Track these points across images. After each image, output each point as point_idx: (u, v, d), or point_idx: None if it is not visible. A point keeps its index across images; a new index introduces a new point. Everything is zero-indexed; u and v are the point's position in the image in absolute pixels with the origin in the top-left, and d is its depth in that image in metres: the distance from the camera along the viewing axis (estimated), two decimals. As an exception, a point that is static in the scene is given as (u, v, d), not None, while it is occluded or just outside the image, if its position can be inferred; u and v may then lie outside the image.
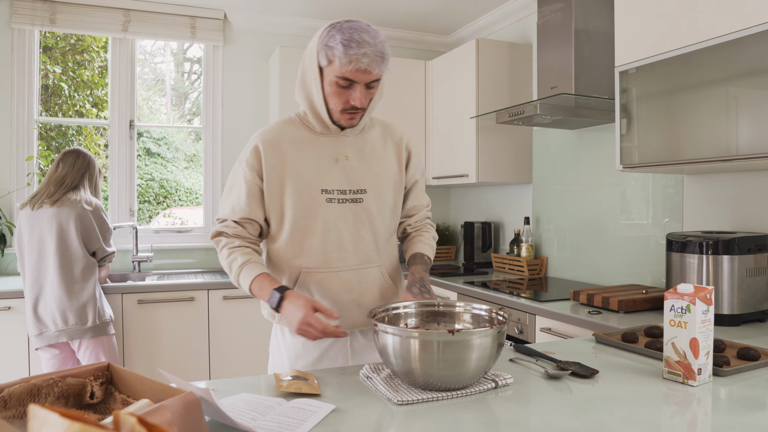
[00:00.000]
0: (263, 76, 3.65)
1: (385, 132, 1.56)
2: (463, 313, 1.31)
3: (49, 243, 2.44)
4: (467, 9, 3.46)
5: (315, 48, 1.37)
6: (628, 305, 2.05)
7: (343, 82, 1.35)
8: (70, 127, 3.66)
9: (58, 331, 2.42)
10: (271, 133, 1.47)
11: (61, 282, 2.43)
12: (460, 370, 1.06)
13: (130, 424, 0.53)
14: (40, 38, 3.33)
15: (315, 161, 1.44)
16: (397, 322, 1.29)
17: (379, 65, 1.34)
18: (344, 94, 1.37)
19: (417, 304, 1.32)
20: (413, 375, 1.06)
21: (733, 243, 1.81)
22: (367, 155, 1.49)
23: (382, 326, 1.09)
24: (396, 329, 1.06)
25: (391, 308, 1.29)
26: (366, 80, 1.36)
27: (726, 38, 1.71)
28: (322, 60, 1.36)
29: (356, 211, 1.46)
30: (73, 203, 2.48)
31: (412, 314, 1.31)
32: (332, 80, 1.35)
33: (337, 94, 1.38)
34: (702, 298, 1.14)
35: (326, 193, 1.44)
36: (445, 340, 1.03)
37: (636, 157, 2.07)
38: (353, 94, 1.37)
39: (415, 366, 1.05)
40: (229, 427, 0.92)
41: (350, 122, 1.43)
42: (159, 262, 3.45)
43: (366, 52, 1.31)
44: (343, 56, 1.31)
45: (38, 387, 0.86)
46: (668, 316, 1.18)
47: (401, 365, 1.07)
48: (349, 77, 1.34)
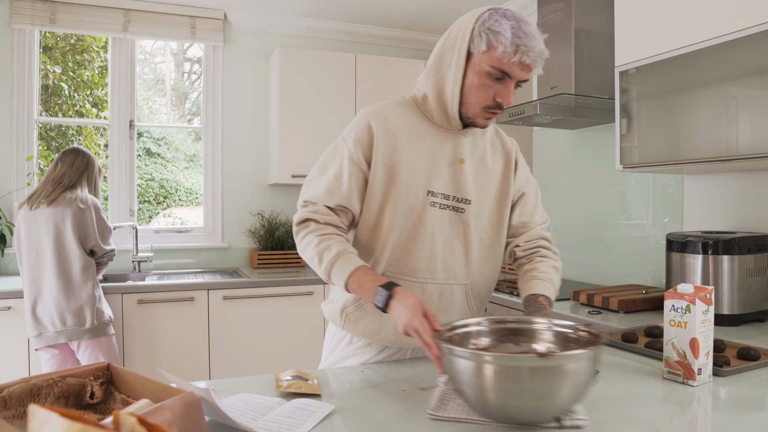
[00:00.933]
0: (263, 76, 3.65)
1: (495, 138, 1.39)
2: (544, 331, 1.10)
3: (46, 244, 2.44)
4: (467, 9, 3.46)
5: (468, 30, 1.19)
6: (628, 305, 2.05)
7: (498, 74, 1.18)
8: (70, 127, 3.66)
9: (57, 332, 2.42)
10: (386, 113, 1.28)
11: (58, 283, 2.43)
12: (549, 402, 0.86)
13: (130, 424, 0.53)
14: (40, 38, 3.33)
15: (429, 158, 1.27)
16: (467, 341, 1.10)
17: (540, 65, 1.19)
18: (492, 89, 1.20)
19: (489, 320, 1.12)
20: (489, 407, 0.88)
21: (733, 243, 1.80)
22: (477, 162, 1.32)
23: (450, 348, 0.91)
24: (467, 352, 0.88)
25: (459, 326, 1.10)
26: (521, 77, 1.20)
27: (726, 38, 1.71)
28: (479, 44, 1.18)
29: (454, 221, 1.30)
30: (68, 202, 2.47)
31: (484, 332, 1.11)
32: (484, 70, 1.19)
33: (483, 87, 1.20)
34: (702, 298, 1.14)
35: (431, 196, 1.27)
36: (533, 366, 0.83)
37: (636, 157, 2.07)
38: (503, 90, 1.20)
39: (490, 396, 0.87)
40: (229, 427, 0.92)
41: (486, 122, 1.26)
42: (159, 262, 3.45)
43: (534, 47, 1.16)
44: (509, 45, 1.15)
45: (38, 387, 0.86)
46: (668, 316, 1.18)
47: (475, 395, 0.88)
48: (507, 70, 1.17)
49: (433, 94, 1.27)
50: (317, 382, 1.17)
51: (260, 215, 3.65)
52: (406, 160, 1.26)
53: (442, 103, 1.26)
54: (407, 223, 1.27)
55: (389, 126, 1.26)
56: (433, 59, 1.27)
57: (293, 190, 3.74)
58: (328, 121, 3.45)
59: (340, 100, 3.47)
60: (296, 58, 3.38)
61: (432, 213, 1.28)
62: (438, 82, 1.26)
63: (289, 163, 3.37)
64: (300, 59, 3.38)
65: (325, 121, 3.44)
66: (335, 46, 3.81)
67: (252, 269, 3.44)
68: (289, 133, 3.37)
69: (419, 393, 1.11)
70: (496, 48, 1.16)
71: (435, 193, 1.27)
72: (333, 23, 3.74)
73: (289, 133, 3.37)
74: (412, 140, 1.27)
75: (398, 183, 1.26)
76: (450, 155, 1.29)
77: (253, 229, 3.62)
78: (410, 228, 1.27)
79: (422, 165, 1.27)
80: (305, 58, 3.40)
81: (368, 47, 3.90)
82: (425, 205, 1.27)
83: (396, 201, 1.26)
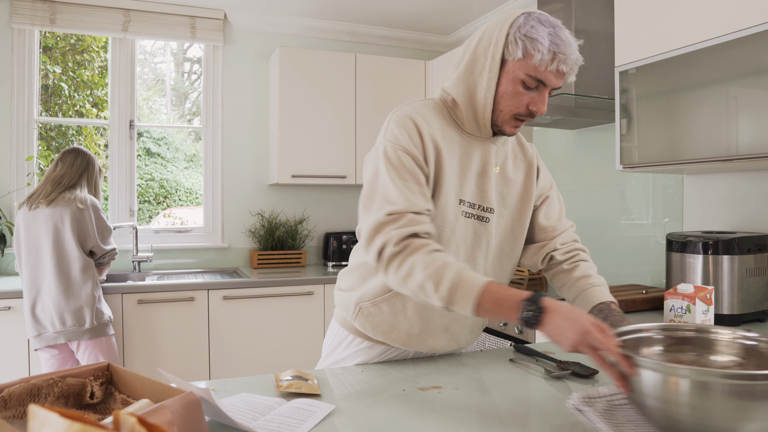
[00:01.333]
0: (263, 76, 3.65)
1: (516, 147, 1.35)
2: (723, 341, 0.99)
3: (45, 244, 2.44)
4: (467, 9, 3.46)
5: (503, 35, 1.15)
6: (628, 305, 2.05)
7: (532, 83, 1.15)
8: (70, 127, 3.66)
9: (56, 333, 2.42)
10: (427, 117, 1.21)
11: (58, 283, 2.43)
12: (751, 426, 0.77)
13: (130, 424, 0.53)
14: (40, 38, 3.33)
15: (462, 166, 1.23)
16: (639, 348, 1.02)
17: (575, 72, 1.18)
18: (525, 97, 1.17)
19: (659, 327, 1.04)
20: (678, 425, 0.81)
21: (733, 243, 1.80)
22: (506, 169, 1.31)
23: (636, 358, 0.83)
24: (657, 363, 0.81)
25: (627, 332, 1.01)
26: (556, 85, 1.18)
27: (726, 38, 1.71)
28: (514, 51, 1.13)
29: (478, 231, 1.26)
30: (67, 202, 2.47)
31: (655, 340, 1.03)
32: (519, 77, 1.15)
33: (516, 95, 1.17)
34: (702, 298, 1.14)
35: (462, 205, 1.23)
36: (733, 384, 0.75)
37: (636, 157, 2.07)
38: (537, 98, 1.18)
39: (683, 412, 0.79)
40: (229, 427, 0.92)
41: (514, 130, 1.23)
42: (159, 262, 3.45)
43: (570, 54, 1.13)
44: (546, 52, 1.11)
45: (38, 387, 0.86)
46: (668, 316, 1.18)
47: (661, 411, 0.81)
48: (543, 78, 1.14)
49: (464, 100, 1.23)
50: (317, 382, 1.17)
51: (260, 215, 3.65)
52: (448, 165, 1.21)
53: (475, 110, 1.22)
54: (441, 231, 1.22)
55: (432, 130, 1.20)
56: (465, 65, 1.22)
57: (293, 190, 3.74)
58: (329, 121, 3.45)
59: (340, 100, 3.47)
60: (296, 58, 3.38)
61: (460, 222, 1.23)
62: (469, 89, 1.21)
63: (289, 163, 3.37)
64: (300, 59, 3.38)
65: (326, 121, 3.44)
66: (335, 46, 3.81)
67: (252, 269, 3.44)
68: (289, 133, 3.37)
69: (419, 393, 1.11)
70: (533, 56, 1.12)
71: (464, 202, 1.23)
72: (333, 23, 3.74)
73: (289, 133, 3.37)
74: (451, 147, 1.22)
75: (442, 189, 1.20)
76: (478, 164, 1.25)
77: (253, 229, 3.62)
78: (441, 236, 1.22)
79: (456, 172, 1.22)
80: (305, 58, 3.40)
81: (368, 47, 3.90)
82: (458, 213, 1.23)
83: (439, 207, 1.21)
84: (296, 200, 3.75)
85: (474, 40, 1.22)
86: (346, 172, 3.50)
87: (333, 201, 3.85)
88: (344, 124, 3.48)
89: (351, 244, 3.64)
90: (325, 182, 3.46)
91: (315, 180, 3.43)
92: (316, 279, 3.11)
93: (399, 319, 1.27)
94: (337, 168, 3.48)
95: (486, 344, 2.52)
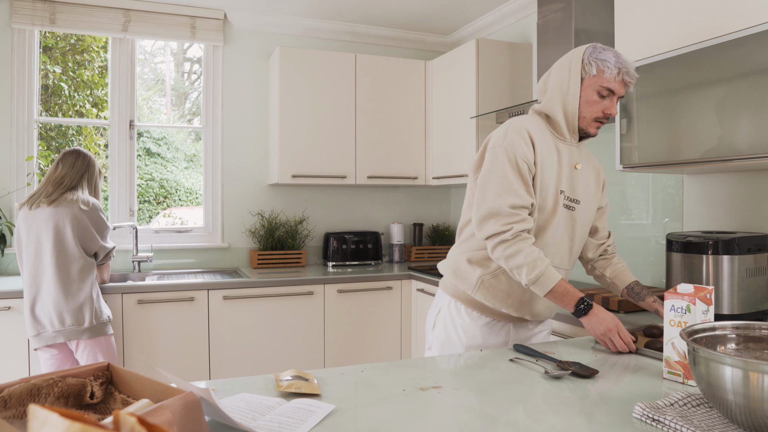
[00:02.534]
0: (263, 76, 3.65)
1: (587, 155, 1.71)
2: None
3: (46, 243, 2.44)
4: (467, 9, 3.46)
5: (578, 60, 1.55)
6: (628, 305, 2.05)
7: (605, 92, 1.53)
8: (70, 127, 3.65)
9: (56, 332, 2.42)
10: (532, 126, 1.57)
11: (57, 283, 2.43)
12: None
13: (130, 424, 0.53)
14: (40, 38, 3.33)
15: (559, 163, 1.58)
16: (714, 346, 1.09)
17: (634, 82, 1.57)
18: (601, 104, 1.55)
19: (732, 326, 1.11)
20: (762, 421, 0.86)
21: (733, 243, 1.80)
22: (584, 170, 1.66)
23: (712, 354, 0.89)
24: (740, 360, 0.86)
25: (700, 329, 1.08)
26: (621, 93, 1.56)
27: (726, 38, 1.71)
28: (590, 70, 1.53)
29: (569, 218, 1.61)
30: (69, 203, 2.47)
31: (729, 338, 1.10)
32: (595, 89, 1.53)
33: (594, 104, 1.55)
34: (702, 298, 1.14)
35: (562, 195, 1.58)
36: None
37: (636, 157, 2.07)
38: (609, 104, 1.55)
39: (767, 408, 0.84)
40: (229, 427, 0.92)
41: (596, 131, 1.60)
42: (159, 262, 3.45)
43: (630, 68, 1.53)
44: (613, 68, 1.51)
45: (38, 387, 0.86)
46: (668, 316, 1.18)
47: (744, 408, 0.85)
48: (613, 88, 1.53)
49: (560, 113, 1.59)
50: (317, 382, 1.17)
51: (260, 215, 3.65)
52: (547, 162, 1.56)
53: (568, 119, 1.59)
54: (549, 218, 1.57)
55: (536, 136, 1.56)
56: (552, 87, 1.60)
57: (293, 190, 3.74)
58: (329, 121, 3.45)
59: (340, 100, 3.47)
60: (296, 58, 3.38)
61: (560, 210, 1.58)
62: (563, 104, 1.58)
63: (289, 163, 3.37)
64: (300, 59, 3.38)
65: (326, 121, 3.44)
66: (335, 46, 3.81)
67: (252, 269, 3.44)
68: (289, 133, 3.37)
69: (419, 393, 1.11)
70: (604, 71, 1.52)
71: (564, 193, 1.58)
72: (333, 23, 3.74)
73: (289, 133, 3.37)
74: (548, 148, 1.58)
75: (546, 182, 1.56)
76: (572, 161, 1.62)
77: (253, 229, 3.62)
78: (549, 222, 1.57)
79: (555, 168, 1.57)
80: (305, 58, 3.40)
81: (368, 47, 3.90)
82: (560, 201, 1.58)
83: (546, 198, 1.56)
84: (296, 200, 3.75)
85: (553, 70, 1.62)
86: (346, 172, 3.50)
87: (333, 201, 3.85)
88: (344, 124, 3.48)
89: (351, 244, 3.64)
90: (325, 182, 3.46)
91: (315, 180, 3.43)
92: (316, 279, 3.11)
93: (514, 288, 1.59)
94: (337, 168, 3.48)
95: (486, 344, 2.52)
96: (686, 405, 1.00)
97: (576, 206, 1.62)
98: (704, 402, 1.00)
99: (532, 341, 1.71)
